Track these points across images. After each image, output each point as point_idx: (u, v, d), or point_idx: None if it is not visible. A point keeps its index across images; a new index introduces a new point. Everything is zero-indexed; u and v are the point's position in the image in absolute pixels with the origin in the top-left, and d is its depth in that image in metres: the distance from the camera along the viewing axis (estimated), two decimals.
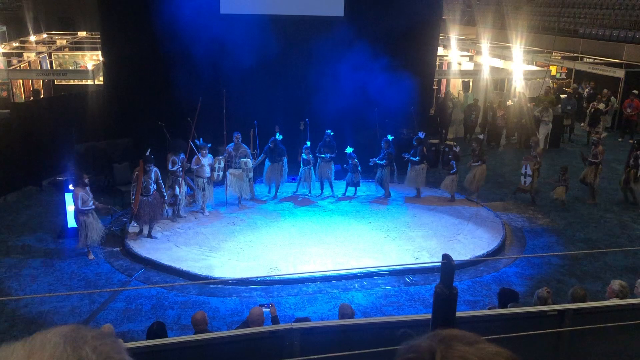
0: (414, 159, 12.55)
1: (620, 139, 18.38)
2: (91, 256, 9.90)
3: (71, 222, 10.28)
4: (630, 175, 12.79)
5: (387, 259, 9.90)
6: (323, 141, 12.67)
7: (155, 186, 10.44)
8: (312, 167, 12.67)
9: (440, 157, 14.37)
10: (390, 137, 12.56)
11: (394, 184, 13.00)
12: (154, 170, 10.38)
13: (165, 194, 10.74)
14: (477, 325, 3.82)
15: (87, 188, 9.77)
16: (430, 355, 1.01)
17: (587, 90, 20.81)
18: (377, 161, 12.52)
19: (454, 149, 12.89)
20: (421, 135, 12.63)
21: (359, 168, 12.52)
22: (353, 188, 12.81)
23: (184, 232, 10.91)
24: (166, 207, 11.01)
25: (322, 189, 12.96)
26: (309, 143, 12.56)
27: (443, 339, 1.04)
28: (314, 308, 8.49)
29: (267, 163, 12.58)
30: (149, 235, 10.56)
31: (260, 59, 13.11)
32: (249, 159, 12.08)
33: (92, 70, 16.92)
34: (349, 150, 12.47)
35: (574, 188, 13.15)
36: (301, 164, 12.69)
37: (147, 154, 10.34)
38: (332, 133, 12.61)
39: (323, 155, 12.61)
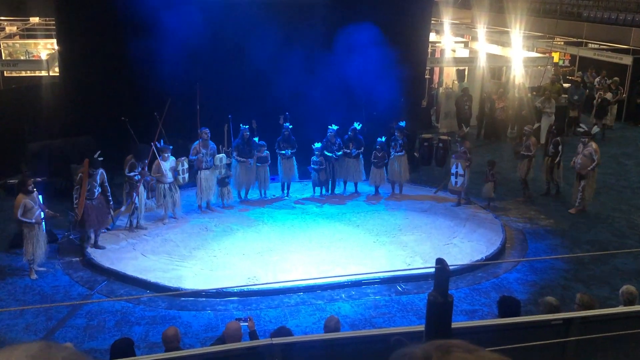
0: (350, 151, 12.69)
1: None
2: (33, 275, 9.56)
3: None
4: (553, 164, 13.05)
5: (376, 265, 9.91)
6: (282, 135, 12.56)
7: (100, 189, 10.34)
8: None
9: (433, 153, 14.44)
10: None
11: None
12: (100, 172, 10.28)
13: (110, 198, 10.61)
14: (476, 336, 3.85)
15: (35, 195, 9.54)
16: None
17: (597, 79, 20.84)
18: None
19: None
20: (356, 126, 12.76)
21: (323, 166, 12.57)
22: (319, 188, 12.86)
23: (151, 239, 10.84)
24: (111, 215, 10.84)
25: (282, 189, 12.96)
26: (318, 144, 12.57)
27: (440, 347, 1.05)
28: (296, 321, 8.48)
29: (234, 162, 12.35)
30: (95, 244, 10.40)
31: (235, 47, 13.06)
32: (222, 155, 11.99)
33: (47, 60, 16.72)
34: (316, 145, 12.49)
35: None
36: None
37: (96, 156, 10.22)
38: (290, 126, 12.60)
39: (283, 152, 12.57)
